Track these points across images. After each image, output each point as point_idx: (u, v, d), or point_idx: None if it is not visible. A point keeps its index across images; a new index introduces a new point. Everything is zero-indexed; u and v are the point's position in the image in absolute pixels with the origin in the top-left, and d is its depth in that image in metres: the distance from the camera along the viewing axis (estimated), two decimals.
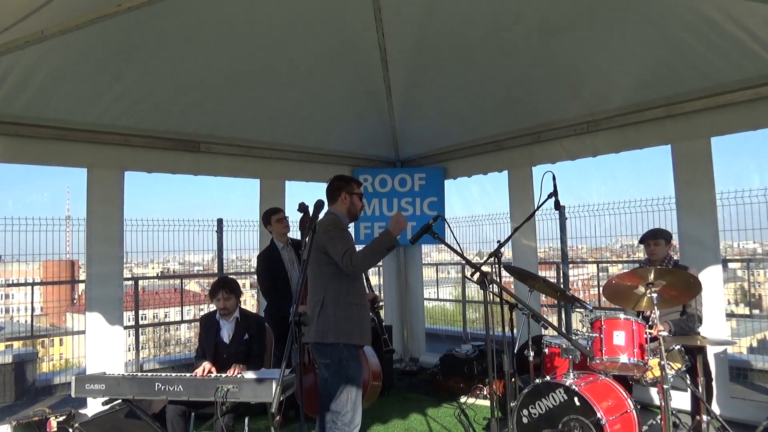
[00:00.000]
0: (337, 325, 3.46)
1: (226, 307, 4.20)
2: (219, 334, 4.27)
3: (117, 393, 3.80)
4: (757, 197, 5.68)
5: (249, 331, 4.26)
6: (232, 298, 4.23)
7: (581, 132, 5.56)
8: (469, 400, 5.65)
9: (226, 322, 4.27)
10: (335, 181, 3.82)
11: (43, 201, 18.14)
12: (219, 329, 4.28)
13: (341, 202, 3.72)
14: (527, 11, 4.27)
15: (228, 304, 4.20)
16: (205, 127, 5.70)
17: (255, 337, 4.27)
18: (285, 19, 4.40)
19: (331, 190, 3.78)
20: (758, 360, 6.09)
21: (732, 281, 7.58)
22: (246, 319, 4.32)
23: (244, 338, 4.23)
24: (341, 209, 3.72)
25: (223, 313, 4.23)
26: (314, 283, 3.61)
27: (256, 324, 4.36)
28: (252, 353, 4.22)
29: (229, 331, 4.26)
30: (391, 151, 7.18)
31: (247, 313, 4.45)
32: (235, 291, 4.26)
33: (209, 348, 4.25)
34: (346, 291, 3.53)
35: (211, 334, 4.28)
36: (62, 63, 4.24)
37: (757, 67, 4.25)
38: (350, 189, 3.75)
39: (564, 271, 6.42)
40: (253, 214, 6.75)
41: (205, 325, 4.38)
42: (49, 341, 8.62)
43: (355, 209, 3.76)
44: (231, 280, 4.40)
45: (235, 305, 4.26)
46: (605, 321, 3.81)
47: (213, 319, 4.30)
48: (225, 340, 4.25)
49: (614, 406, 3.61)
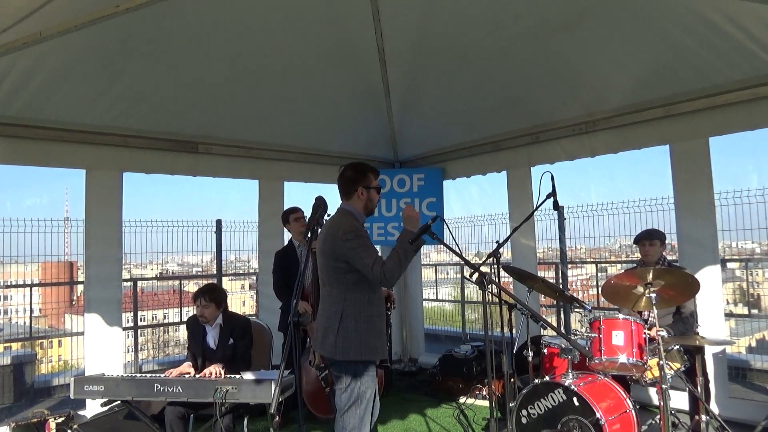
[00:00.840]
0: (359, 341, 3.12)
1: (204, 315, 4.13)
2: (205, 340, 4.24)
3: (116, 394, 3.81)
4: (755, 197, 5.71)
5: (233, 334, 4.20)
6: (211, 306, 4.13)
7: (580, 132, 5.57)
8: (469, 400, 5.65)
9: (210, 328, 4.23)
10: (349, 172, 3.32)
11: (42, 202, 18.16)
12: (205, 335, 4.25)
13: (357, 198, 3.27)
14: (526, 12, 4.27)
15: (206, 312, 4.12)
16: (203, 128, 5.70)
17: (240, 338, 4.21)
18: (284, 19, 4.40)
19: (346, 183, 3.30)
20: (757, 360, 6.09)
21: (731, 281, 7.60)
22: (230, 323, 4.24)
23: (230, 343, 4.17)
24: (358, 206, 3.29)
25: (203, 320, 4.18)
26: (330, 292, 3.26)
27: (241, 325, 4.29)
28: (237, 355, 4.17)
29: (215, 338, 4.22)
30: (390, 151, 7.18)
31: (231, 316, 4.34)
32: (216, 300, 4.15)
33: (198, 353, 4.24)
34: (368, 301, 3.18)
35: (198, 339, 4.25)
36: (61, 64, 4.23)
37: (755, 68, 4.25)
38: (367, 182, 3.28)
39: (563, 272, 6.43)
40: (252, 215, 6.75)
41: (192, 329, 4.33)
42: (47, 343, 8.61)
43: (372, 205, 3.34)
44: (215, 288, 4.31)
45: (213, 314, 4.16)
46: (604, 321, 3.82)
47: (198, 322, 4.25)
48: (211, 346, 4.22)
49: (613, 406, 3.61)
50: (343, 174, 3.33)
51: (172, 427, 3.84)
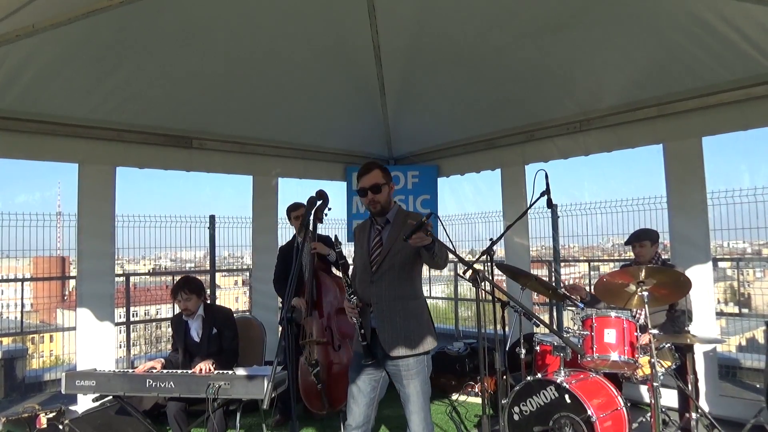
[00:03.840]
0: (430, 329, 3.23)
1: (187, 308, 4.19)
2: (189, 334, 4.29)
3: (108, 390, 3.80)
4: (747, 197, 5.74)
5: (216, 324, 4.25)
6: (193, 298, 4.19)
7: (574, 131, 5.58)
8: (461, 397, 5.67)
9: (193, 321, 4.28)
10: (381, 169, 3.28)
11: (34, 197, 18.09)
12: (188, 329, 4.30)
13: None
14: (521, 10, 4.27)
15: (189, 304, 4.19)
16: (198, 123, 5.68)
17: (223, 329, 4.26)
18: (279, 15, 4.38)
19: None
20: (747, 358, 6.15)
21: (722, 280, 7.65)
22: (211, 314, 4.31)
23: (213, 333, 4.23)
24: None
25: (187, 314, 4.24)
26: (399, 274, 3.19)
27: (223, 316, 4.35)
28: (223, 346, 4.21)
29: (198, 330, 4.27)
30: (385, 148, 7.18)
31: (212, 307, 4.45)
32: (195, 291, 4.22)
33: (181, 349, 4.28)
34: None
35: (181, 335, 4.30)
36: (54, 57, 4.20)
37: (748, 68, 4.27)
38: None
39: (556, 269, 6.45)
40: (246, 211, 6.74)
41: (175, 326, 4.41)
42: (39, 337, 8.59)
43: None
44: (191, 279, 4.35)
45: (196, 305, 4.23)
46: (596, 319, 3.84)
47: (181, 320, 4.32)
48: (195, 339, 4.26)
49: (605, 404, 3.64)
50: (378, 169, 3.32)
51: (176, 422, 3.87)
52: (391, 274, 3.18)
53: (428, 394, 3.20)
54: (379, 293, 3.19)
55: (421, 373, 3.17)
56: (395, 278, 3.18)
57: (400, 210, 3.33)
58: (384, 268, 3.19)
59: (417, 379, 3.14)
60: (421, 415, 3.14)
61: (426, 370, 3.24)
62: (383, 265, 3.19)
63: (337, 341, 4.47)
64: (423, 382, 3.17)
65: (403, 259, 3.16)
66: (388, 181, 3.24)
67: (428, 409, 3.19)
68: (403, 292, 3.18)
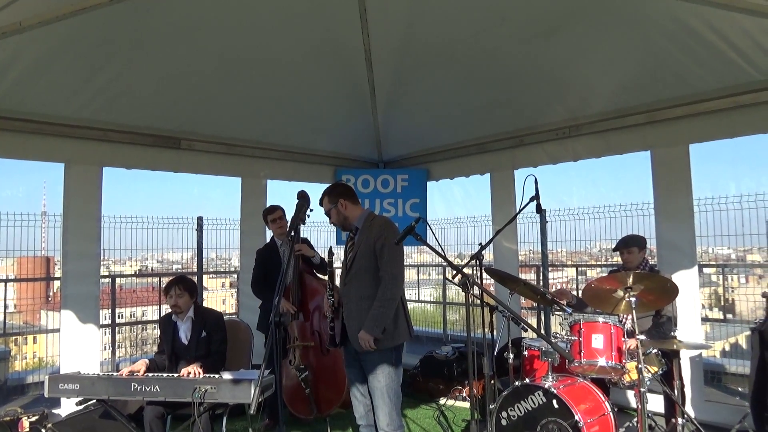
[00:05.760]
0: (397, 326, 3.55)
1: (177, 305, 4.12)
2: (177, 336, 4.22)
3: (92, 393, 3.73)
4: (732, 204, 5.80)
5: (206, 327, 4.19)
6: (185, 296, 4.14)
7: (563, 136, 5.62)
8: (449, 401, 5.66)
9: (182, 323, 4.22)
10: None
11: (19, 196, 17.81)
12: (177, 330, 4.23)
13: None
14: (512, 14, 4.28)
15: (180, 301, 4.12)
16: (186, 123, 5.63)
17: (213, 333, 4.20)
18: (270, 16, 4.36)
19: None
20: (731, 364, 6.20)
21: (707, 286, 7.73)
22: (201, 316, 4.25)
23: (202, 336, 4.17)
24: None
25: (176, 311, 4.16)
26: (364, 277, 3.55)
27: (213, 319, 4.29)
28: (211, 350, 4.15)
29: (186, 332, 4.20)
30: (374, 151, 7.17)
31: (203, 310, 4.39)
32: (189, 290, 4.18)
33: (168, 351, 4.21)
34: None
35: (168, 336, 4.23)
36: (41, 55, 4.14)
37: (736, 76, 4.32)
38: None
39: (544, 274, 6.47)
40: (234, 213, 6.70)
41: (163, 327, 4.33)
42: (22, 339, 8.47)
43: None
44: (187, 278, 4.32)
45: (187, 303, 4.17)
46: (584, 324, 3.85)
47: (170, 321, 4.25)
48: (184, 342, 4.20)
49: (592, 409, 3.64)
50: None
51: (151, 427, 3.77)
52: (359, 275, 3.53)
53: (395, 390, 3.45)
54: (349, 293, 3.58)
55: (386, 368, 3.42)
56: (362, 279, 3.52)
57: (369, 215, 3.68)
58: (353, 270, 3.57)
59: (381, 373, 3.41)
60: (386, 410, 3.39)
61: (392, 366, 3.48)
62: (353, 267, 3.57)
63: (325, 344, 4.45)
64: (388, 377, 3.42)
65: (366, 262, 3.52)
66: (335, 203, 3.63)
67: (394, 404, 3.43)
68: (368, 292, 3.48)
